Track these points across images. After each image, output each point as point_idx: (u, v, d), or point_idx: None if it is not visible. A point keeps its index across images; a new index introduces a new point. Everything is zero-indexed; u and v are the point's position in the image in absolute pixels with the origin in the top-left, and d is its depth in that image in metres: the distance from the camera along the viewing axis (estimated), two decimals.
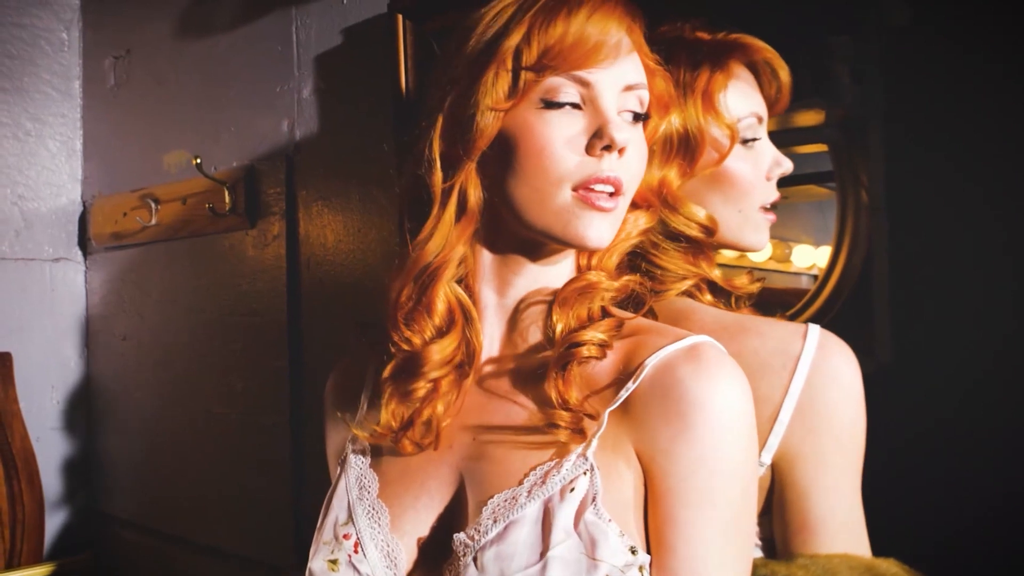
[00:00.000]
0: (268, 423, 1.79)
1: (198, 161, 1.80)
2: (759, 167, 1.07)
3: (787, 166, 1.09)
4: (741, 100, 1.06)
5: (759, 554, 0.99)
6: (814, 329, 0.95)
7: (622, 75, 0.85)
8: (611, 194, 0.84)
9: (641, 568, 0.76)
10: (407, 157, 0.93)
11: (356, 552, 0.88)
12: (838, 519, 0.94)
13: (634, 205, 0.93)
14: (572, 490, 0.78)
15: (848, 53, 1.14)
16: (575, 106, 0.84)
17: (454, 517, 0.86)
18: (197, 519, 1.99)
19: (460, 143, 0.85)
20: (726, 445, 0.78)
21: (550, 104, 0.83)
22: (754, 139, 1.07)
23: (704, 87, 1.03)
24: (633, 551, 0.77)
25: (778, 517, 0.97)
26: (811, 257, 1.49)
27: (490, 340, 0.93)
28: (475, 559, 0.78)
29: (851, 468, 0.95)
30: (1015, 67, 1.60)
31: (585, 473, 0.79)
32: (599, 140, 0.83)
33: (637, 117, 0.88)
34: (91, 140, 2.33)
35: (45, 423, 2.23)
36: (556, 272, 0.93)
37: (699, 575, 0.78)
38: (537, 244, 0.90)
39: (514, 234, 0.89)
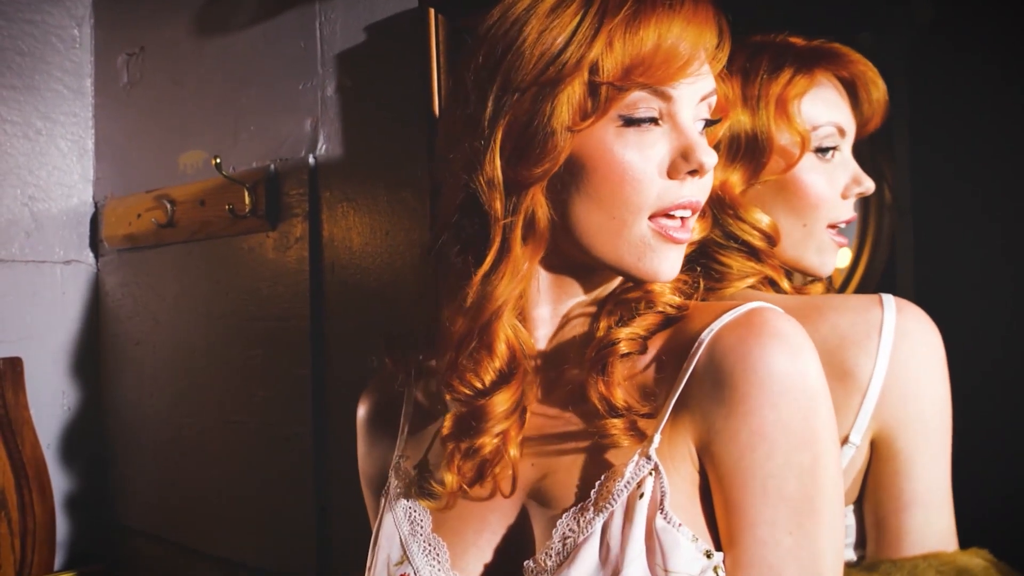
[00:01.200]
0: (289, 433, 1.73)
1: (217, 161, 1.74)
2: (835, 182, 1.03)
3: (868, 186, 1.04)
4: (823, 108, 1.02)
5: (852, 555, 0.95)
6: (888, 297, 0.91)
7: (703, 87, 0.79)
8: (685, 219, 0.79)
9: (716, 569, 0.72)
10: (451, 162, 0.84)
11: None
12: (941, 492, 0.90)
13: None
14: (641, 496, 0.73)
15: (873, 50, 1.09)
16: (653, 121, 0.77)
17: (520, 548, 0.81)
18: (213, 530, 1.93)
19: (527, 166, 0.76)
20: (787, 414, 0.71)
21: (630, 121, 0.75)
22: (832, 149, 1.02)
23: (780, 92, 0.99)
24: (708, 554, 0.72)
25: (875, 499, 0.92)
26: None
27: (540, 356, 0.88)
28: None
29: (947, 436, 0.91)
30: None
31: (650, 474, 0.74)
32: (685, 164, 0.76)
33: (707, 123, 0.82)
34: (103, 140, 2.27)
35: (56, 430, 2.17)
36: (610, 286, 0.87)
37: (770, 565, 0.71)
38: (595, 269, 0.84)
39: (574, 259, 0.83)
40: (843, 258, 1.74)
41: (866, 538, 0.95)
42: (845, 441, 0.90)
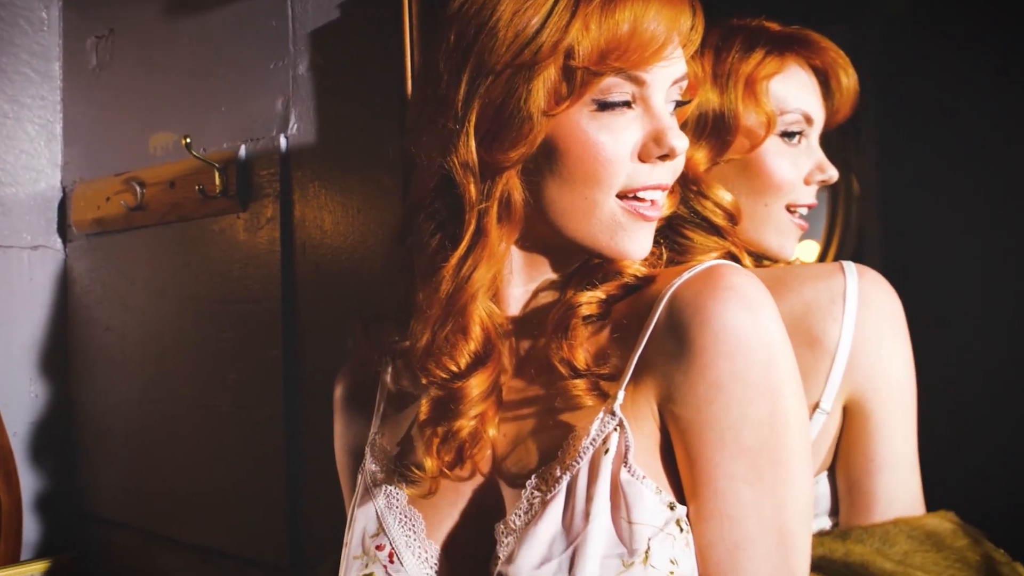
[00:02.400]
0: (261, 416, 1.71)
1: (187, 140, 1.72)
2: (798, 167, 1.04)
3: (831, 174, 1.05)
4: (793, 93, 1.03)
5: (826, 523, 0.96)
6: (849, 264, 0.92)
7: (675, 70, 0.79)
8: (655, 200, 0.80)
9: (679, 521, 0.72)
10: (423, 143, 0.83)
11: (392, 562, 0.84)
12: (910, 454, 0.92)
13: None
14: (607, 451, 0.74)
15: (846, 42, 1.10)
16: (627, 104, 0.77)
17: (494, 514, 0.81)
18: (186, 518, 1.90)
19: (502, 149, 0.76)
20: (743, 366, 0.71)
21: (604, 105, 0.76)
22: (798, 134, 1.03)
23: (750, 72, 1.00)
24: (671, 506, 0.72)
25: (847, 463, 0.93)
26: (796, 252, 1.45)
27: (511, 331, 0.88)
28: (517, 542, 0.74)
29: (913, 399, 0.93)
30: (1010, 58, 1.57)
31: (615, 430, 0.74)
32: (657, 148, 0.77)
33: (677, 104, 0.83)
34: (72, 123, 2.23)
35: (24, 418, 2.12)
36: (579, 263, 0.88)
37: (730, 517, 0.72)
38: (568, 249, 0.84)
39: (547, 239, 0.83)
40: (809, 252, 1.76)
41: (839, 505, 0.96)
42: (816, 408, 0.92)
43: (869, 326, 0.90)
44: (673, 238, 0.99)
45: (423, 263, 0.84)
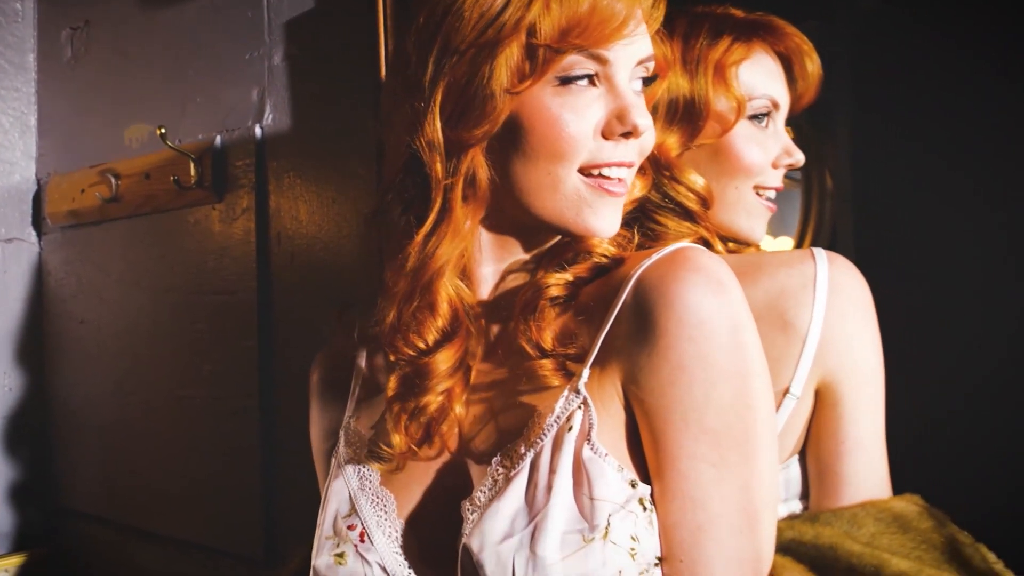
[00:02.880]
0: (237, 406, 1.71)
1: (163, 131, 1.71)
2: (767, 150, 1.05)
3: (798, 158, 1.07)
4: (760, 80, 1.04)
5: (797, 506, 0.97)
6: (819, 250, 0.94)
7: (639, 50, 0.80)
8: (621, 178, 0.80)
9: (642, 500, 0.73)
10: (393, 124, 0.84)
11: (363, 541, 0.85)
12: (879, 437, 0.94)
13: None
14: (570, 429, 0.74)
15: (819, 38, 1.12)
16: (591, 82, 0.78)
17: (463, 492, 0.82)
18: (161, 510, 1.89)
19: (467, 127, 0.77)
20: (706, 348, 0.71)
21: (566, 80, 0.76)
22: (766, 116, 1.04)
23: (718, 58, 1.02)
24: (633, 484, 0.73)
25: (818, 447, 0.95)
26: (770, 248, 1.49)
27: (482, 313, 0.89)
28: (482, 519, 0.74)
29: (882, 384, 0.94)
30: (984, 54, 1.59)
31: (579, 408, 0.75)
32: (620, 125, 0.78)
33: (645, 83, 0.84)
34: (46, 116, 2.22)
35: None
36: (549, 244, 0.88)
37: (692, 498, 0.72)
38: (536, 229, 0.85)
39: (514, 219, 0.84)
40: (784, 247, 1.77)
41: (809, 488, 0.97)
42: (786, 393, 0.93)
43: (839, 311, 0.92)
44: (647, 224, 1.00)
45: (392, 243, 0.85)
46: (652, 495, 0.74)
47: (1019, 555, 0.89)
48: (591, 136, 0.77)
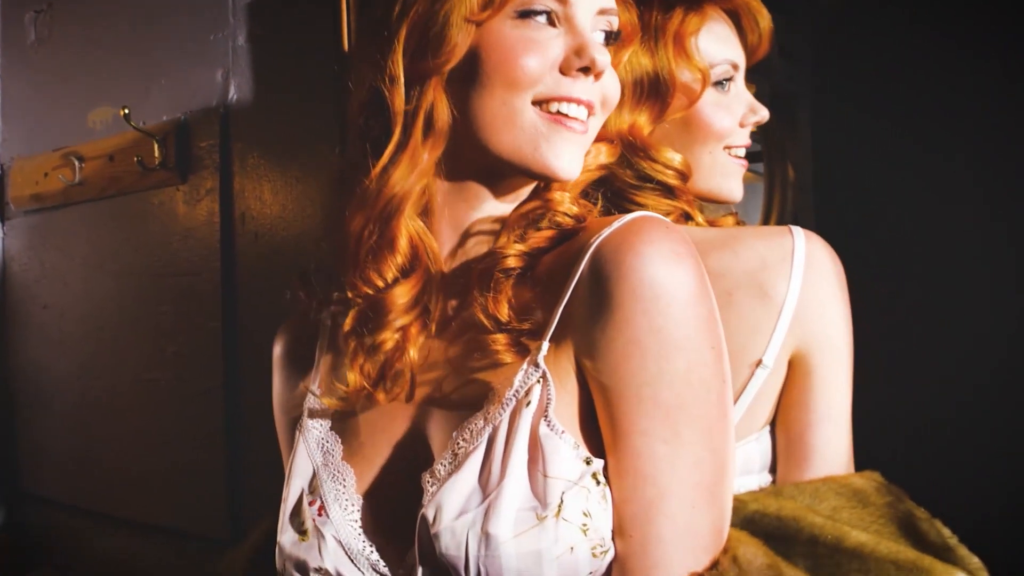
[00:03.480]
0: (201, 388, 1.70)
1: (126, 112, 1.70)
2: (733, 113, 1.06)
3: (763, 114, 1.08)
4: (716, 45, 1.05)
5: (767, 479, 0.98)
6: (796, 228, 0.95)
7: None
8: (579, 118, 0.79)
9: (595, 475, 0.72)
10: (360, 67, 0.84)
11: (320, 515, 0.84)
12: (846, 410, 0.95)
13: (596, 138, 0.88)
14: (528, 404, 0.73)
15: (780, 32, 1.13)
16: (550, 21, 0.79)
17: (424, 465, 0.81)
18: (125, 495, 1.88)
19: (428, 58, 0.77)
20: (660, 321, 0.70)
21: (525, 14, 0.77)
22: (728, 81, 1.05)
23: (676, 29, 1.02)
24: (588, 461, 0.72)
25: (788, 417, 0.96)
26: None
27: (443, 276, 0.87)
28: (439, 493, 0.73)
29: (850, 358, 0.96)
30: (944, 47, 1.63)
31: (538, 382, 0.74)
32: (578, 60, 0.78)
33: (608, 38, 0.84)
34: (9, 100, 2.20)
35: None
36: (512, 204, 0.87)
37: (644, 475, 0.71)
38: (497, 174, 0.84)
39: (475, 162, 0.83)
40: None
41: (777, 459, 0.98)
42: (757, 365, 0.94)
43: (814, 284, 0.93)
44: (626, 207, 1.00)
45: (355, 183, 0.83)
46: (606, 470, 0.73)
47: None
48: (548, 69, 0.78)
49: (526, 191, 0.87)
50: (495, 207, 0.86)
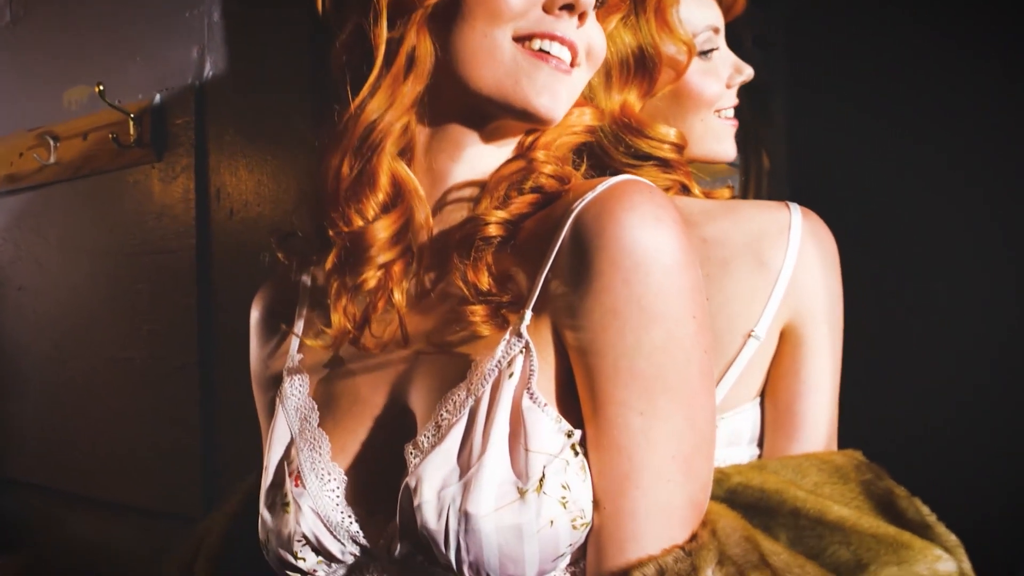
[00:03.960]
0: (176, 364, 1.70)
1: (100, 88, 1.70)
2: (719, 77, 1.07)
3: (748, 72, 1.08)
4: (695, 11, 1.05)
5: (755, 452, 0.98)
6: (793, 204, 0.97)
7: None
8: (561, 58, 0.77)
9: (575, 446, 0.71)
10: (342, 9, 0.82)
11: (297, 485, 0.81)
12: (835, 383, 0.96)
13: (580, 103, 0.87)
14: (511, 376, 0.71)
15: (753, 19, 1.13)
16: None
17: (403, 434, 0.79)
18: (100, 475, 1.87)
19: None
20: (640, 290, 0.68)
21: None
22: (712, 50, 1.06)
23: (656, 4, 1.01)
24: (569, 434, 0.71)
25: (779, 387, 0.96)
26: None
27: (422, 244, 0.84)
28: (422, 465, 0.71)
29: (841, 332, 0.97)
30: (918, 36, 1.64)
31: (521, 352, 0.72)
32: None
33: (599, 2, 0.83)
34: None
35: None
36: (494, 160, 0.84)
37: (619, 447, 0.69)
38: (479, 117, 0.81)
39: (456, 103, 0.80)
40: None
41: (764, 429, 0.99)
42: (749, 336, 0.95)
43: (810, 257, 0.94)
44: None
45: (336, 122, 0.81)
46: (585, 441, 0.72)
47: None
48: (530, 5, 0.76)
49: (509, 146, 0.85)
50: (477, 159, 0.83)
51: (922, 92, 1.63)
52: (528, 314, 0.73)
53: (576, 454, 0.71)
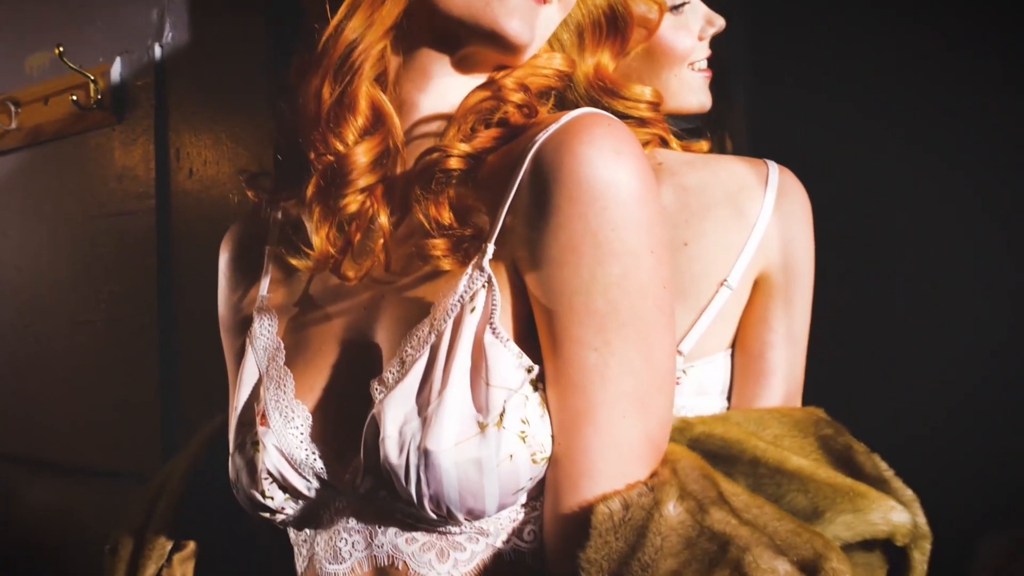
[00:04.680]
0: (136, 325, 1.70)
1: (60, 50, 1.70)
2: (691, 31, 1.07)
3: (720, 23, 1.09)
4: None
5: (723, 404, 1.00)
6: (770, 161, 0.99)
7: None
8: None
9: (533, 382, 0.71)
10: None
11: (262, 424, 0.81)
12: (804, 334, 0.98)
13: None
14: (472, 310, 0.71)
15: (713, 3, 1.15)
16: None
17: (368, 371, 0.79)
18: (60, 439, 1.87)
19: None
20: (596, 224, 0.67)
21: None
22: (683, 4, 1.06)
23: None
24: (529, 369, 0.71)
25: (750, 336, 0.98)
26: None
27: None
28: (385, 401, 0.72)
29: (811, 286, 0.99)
30: (881, 19, 1.67)
31: (483, 287, 0.72)
32: None
33: None
34: None
35: None
36: (463, 93, 0.83)
37: (574, 384, 0.69)
38: (449, 43, 0.81)
39: (427, 27, 0.80)
40: None
41: (734, 378, 1.00)
42: (722, 284, 0.97)
43: (785, 210, 0.97)
44: None
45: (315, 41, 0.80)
46: (543, 376, 0.72)
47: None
48: None
49: (479, 80, 0.85)
50: (445, 90, 0.83)
51: (885, 73, 1.65)
52: (490, 248, 0.72)
53: (535, 389, 0.71)
